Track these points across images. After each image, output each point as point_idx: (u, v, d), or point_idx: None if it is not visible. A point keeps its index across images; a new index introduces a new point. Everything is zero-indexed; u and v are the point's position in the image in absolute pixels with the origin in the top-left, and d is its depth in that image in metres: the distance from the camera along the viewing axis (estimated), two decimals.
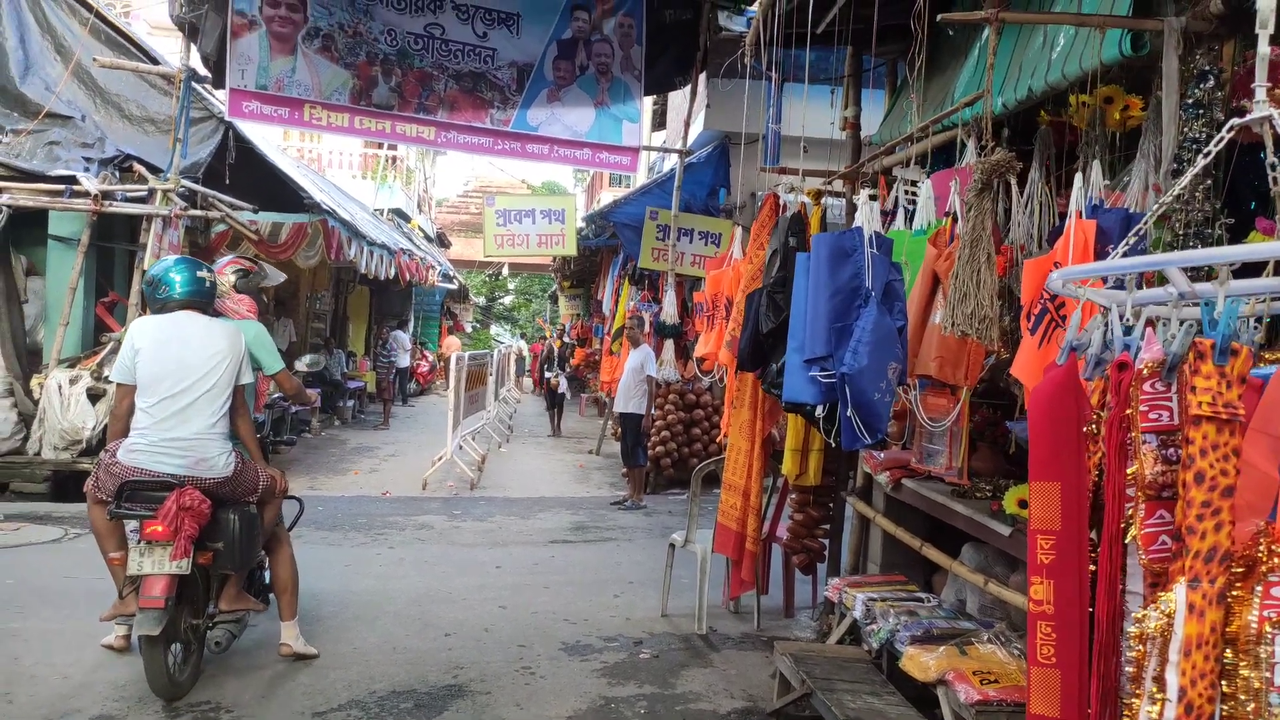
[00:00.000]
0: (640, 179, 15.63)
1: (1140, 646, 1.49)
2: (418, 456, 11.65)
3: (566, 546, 7.78)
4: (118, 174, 8.55)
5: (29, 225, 8.18)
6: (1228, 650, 1.46)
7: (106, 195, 8.11)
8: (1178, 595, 1.47)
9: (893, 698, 3.69)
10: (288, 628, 4.63)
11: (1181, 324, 1.55)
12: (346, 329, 18.82)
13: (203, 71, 8.41)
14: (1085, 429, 1.72)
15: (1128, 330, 1.67)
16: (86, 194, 8.02)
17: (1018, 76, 3.57)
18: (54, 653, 4.55)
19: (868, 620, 4.17)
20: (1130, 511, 1.60)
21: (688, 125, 10.02)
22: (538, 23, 8.96)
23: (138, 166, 8.60)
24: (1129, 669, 1.52)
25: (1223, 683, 1.45)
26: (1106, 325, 1.68)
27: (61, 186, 8.06)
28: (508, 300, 43.15)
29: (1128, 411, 1.60)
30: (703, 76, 9.56)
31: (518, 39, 8.95)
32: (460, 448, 11.66)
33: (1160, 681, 1.46)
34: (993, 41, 2.97)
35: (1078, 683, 1.67)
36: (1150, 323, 1.66)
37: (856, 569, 5.33)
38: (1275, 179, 1.77)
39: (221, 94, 8.38)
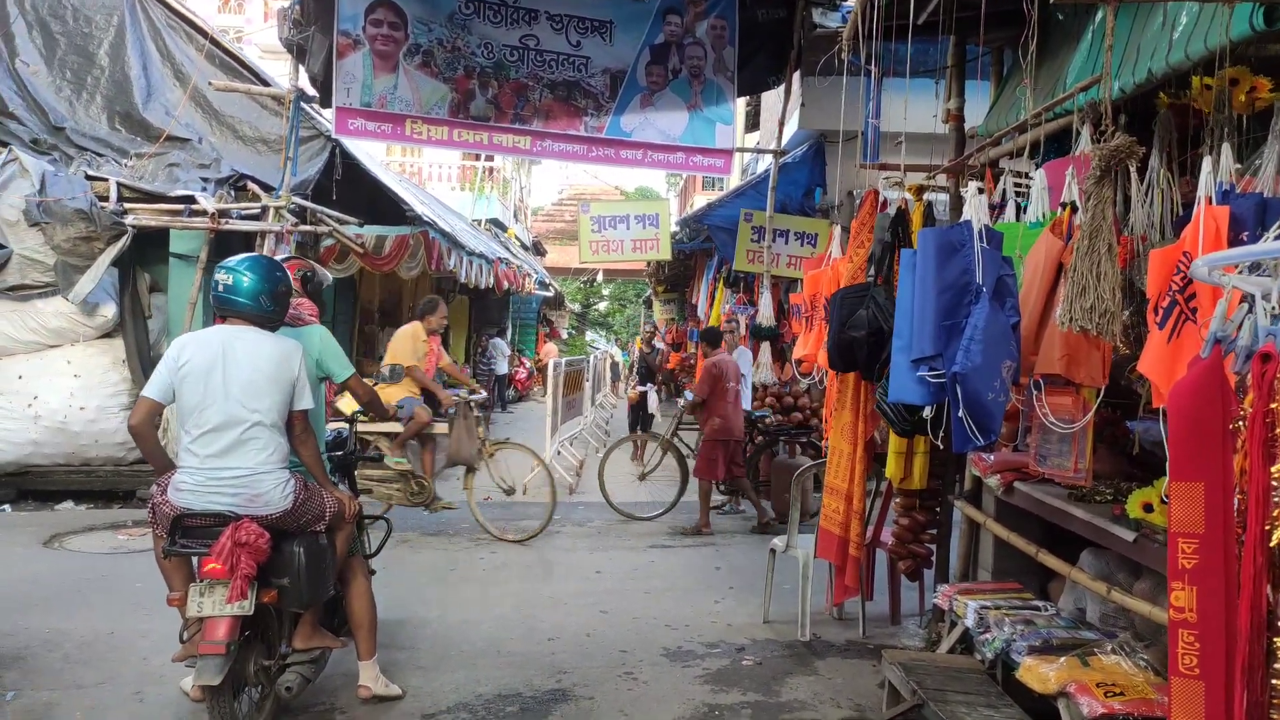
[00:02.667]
0: (734, 181, 15.55)
1: None
2: (518, 462, 11.79)
3: (666, 551, 7.76)
4: (233, 193, 8.93)
5: (152, 244, 8.61)
6: None
7: (223, 213, 8.47)
8: None
9: (1010, 710, 3.55)
10: (366, 668, 4.28)
11: None
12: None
13: (310, 91, 8.72)
14: (1231, 426, 1.60)
15: (1276, 320, 1.54)
16: (204, 213, 8.40)
17: (1135, 59, 3.40)
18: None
19: (981, 629, 4.01)
20: (1276, 514, 1.46)
21: (782, 125, 9.91)
22: (630, 29, 8.99)
23: (251, 185, 8.97)
24: (1276, 681, 1.39)
25: None
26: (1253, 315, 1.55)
27: (181, 206, 8.46)
28: (602, 306, 43.52)
29: (1272, 406, 1.47)
30: (797, 75, 9.44)
31: (610, 46, 9.00)
32: (558, 453, 11.78)
33: None
34: (1110, 21, 2.82)
35: (1223, 696, 1.55)
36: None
37: (966, 576, 5.16)
38: None
39: (328, 113, 8.67)
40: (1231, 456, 1.58)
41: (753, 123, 14.63)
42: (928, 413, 3.31)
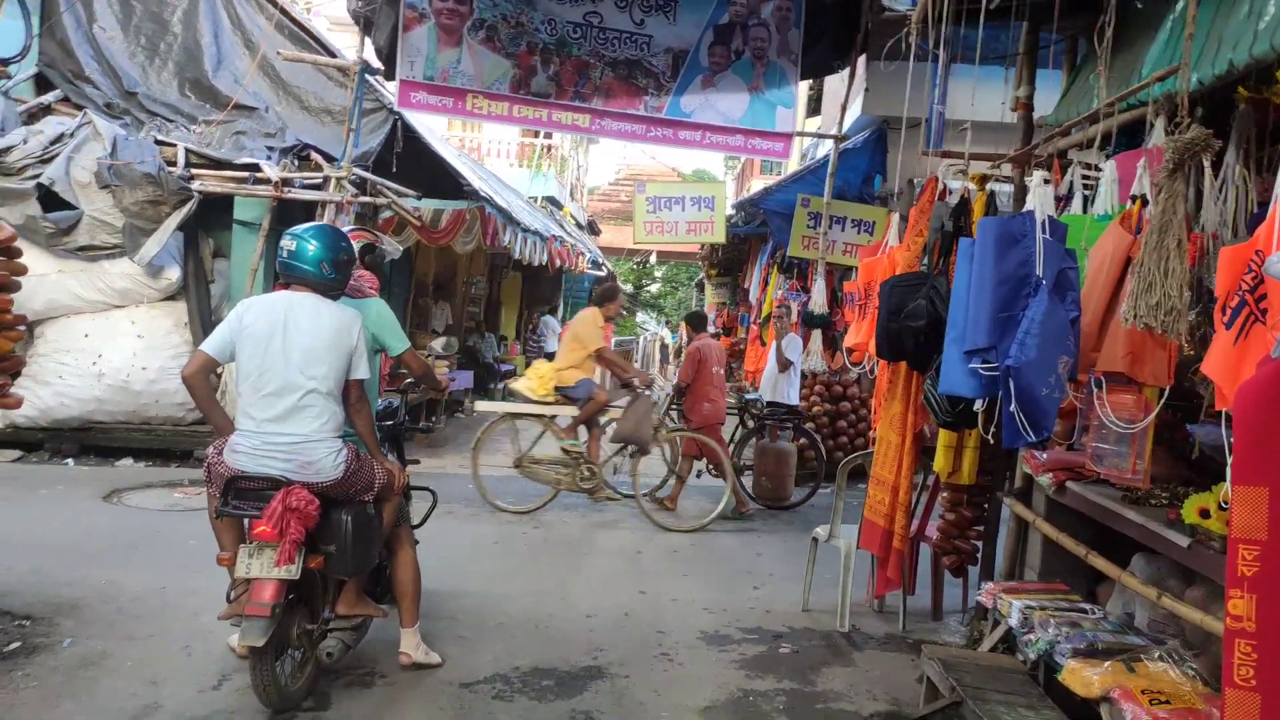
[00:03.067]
0: (792, 166, 15.37)
1: None
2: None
3: (707, 535, 7.75)
4: (296, 162, 9.08)
5: (217, 210, 8.79)
6: None
7: (285, 182, 8.61)
8: None
9: (1050, 713, 3.48)
10: (408, 635, 4.33)
11: None
12: (499, 313, 19.39)
13: (376, 64, 8.80)
14: None
15: None
16: (268, 181, 8.55)
17: (1216, 49, 3.26)
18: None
19: (1024, 629, 3.94)
20: None
21: (844, 110, 9.76)
22: (694, 9, 8.90)
23: (314, 155, 9.11)
24: None
25: None
26: None
27: (245, 174, 8.63)
28: (654, 288, 43.47)
29: None
30: (862, 59, 9.28)
31: (674, 25, 8.93)
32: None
33: None
34: (1191, 9, 2.71)
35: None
36: None
37: (1012, 575, 5.06)
38: None
39: (391, 86, 8.74)
40: None
41: (814, 107, 14.43)
42: (979, 406, 3.24)
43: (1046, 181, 3.32)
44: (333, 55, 9.61)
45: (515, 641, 4.85)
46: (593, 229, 28.61)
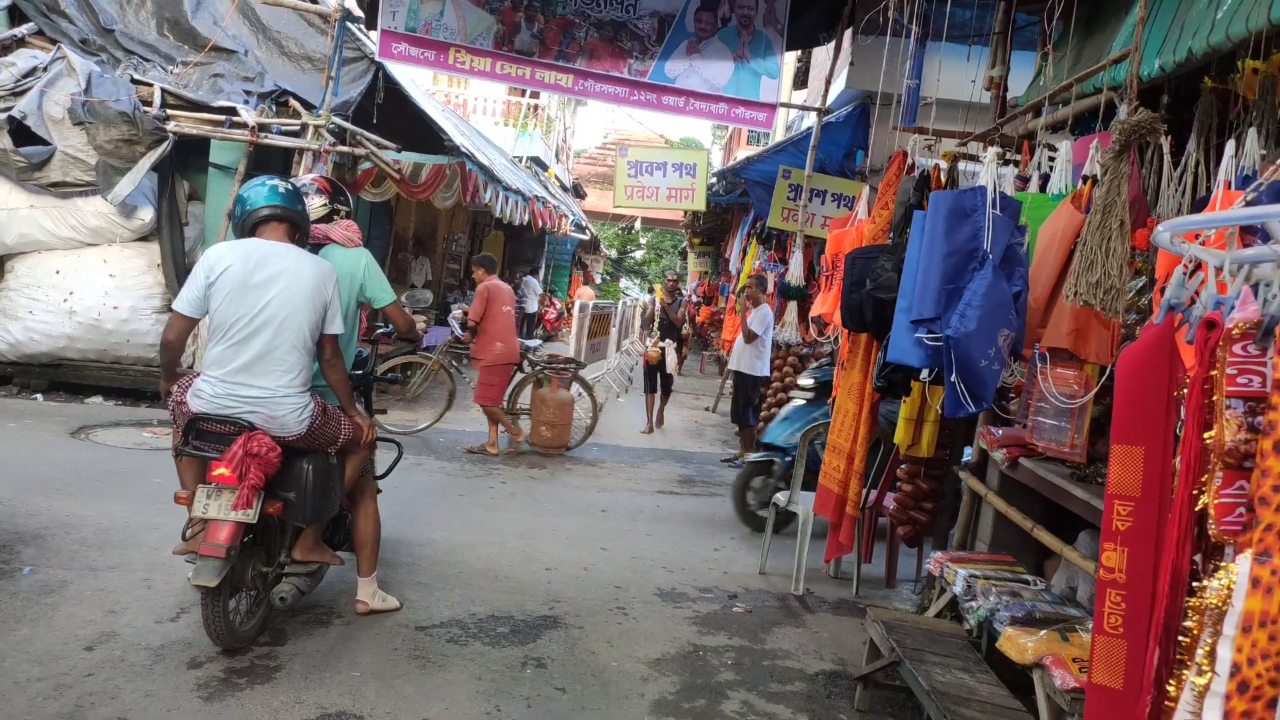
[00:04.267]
0: (777, 137, 15.36)
1: (1196, 618, 1.39)
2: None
3: (672, 497, 7.87)
4: (274, 108, 8.99)
5: (193, 153, 8.71)
6: None
7: (262, 127, 8.54)
8: (1240, 568, 1.35)
9: (985, 676, 3.61)
10: (365, 584, 4.39)
11: None
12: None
13: (357, 12, 8.72)
14: (1176, 393, 1.62)
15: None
16: (244, 125, 8.47)
17: (1178, 37, 3.32)
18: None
19: (968, 597, 4.06)
20: (1205, 478, 1.48)
21: (828, 83, 9.77)
22: None
23: (293, 102, 9.02)
24: (1183, 639, 1.42)
25: None
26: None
27: (222, 117, 8.54)
28: (639, 255, 43.39)
29: (1212, 373, 1.48)
30: (849, 33, 9.27)
31: None
32: (580, 395, 11.89)
33: (1212, 655, 1.35)
34: None
35: (1143, 654, 1.59)
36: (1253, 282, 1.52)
37: (964, 546, 5.19)
38: None
39: (374, 35, 8.66)
40: (1174, 423, 1.60)
41: (801, 80, 14.41)
42: (925, 375, 3.32)
43: (1012, 162, 3.37)
44: (314, 1, 9.47)
45: (474, 589, 4.94)
46: (578, 192, 28.48)
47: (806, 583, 5.57)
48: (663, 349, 11.06)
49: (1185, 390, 1.58)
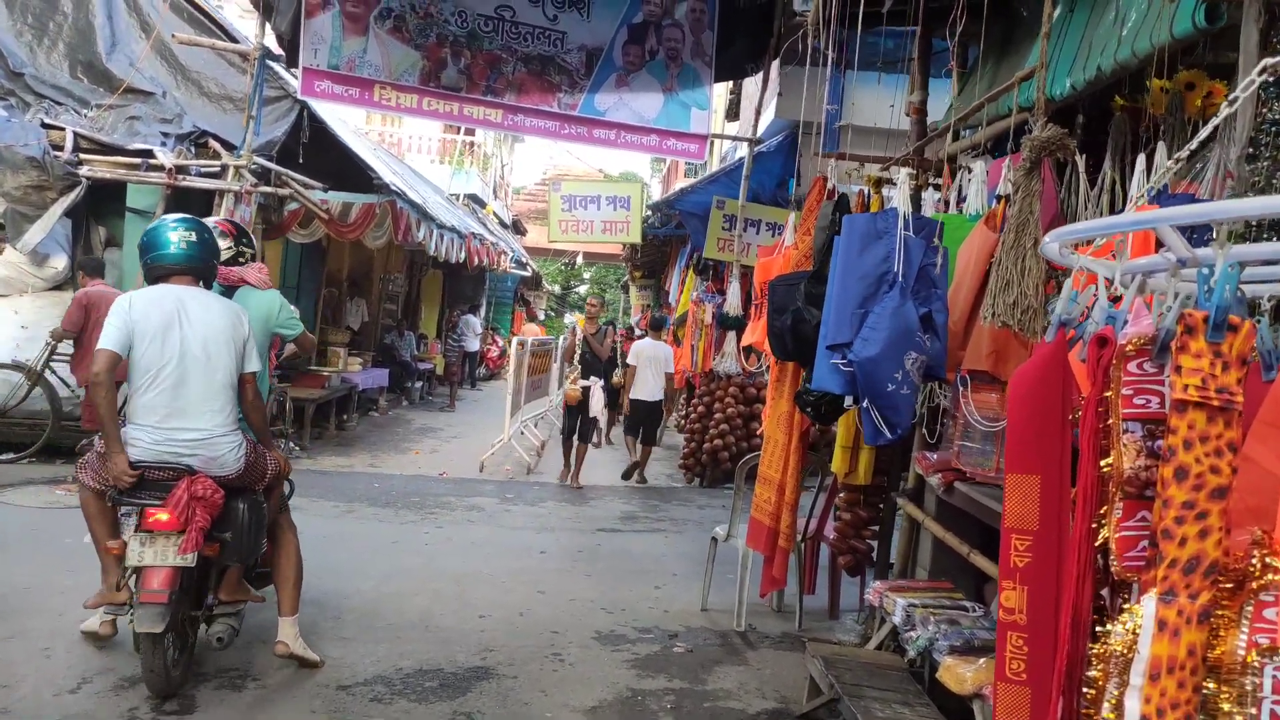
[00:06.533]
0: (713, 168, 15.44)
1: (1101, 666, 1.27)
2: (479, 439, 11.71)
3: (614, 535, 7.71)
4: (193, 149, 8.75)
5: (109, 198, 8.44)
6: (1209, 680, 1.21)
7: (181, 169, 8.30)
8: (1145, 609, 1.24)
9: (925, 709, 3.51)
10: (287, 624, 4.18)
11: (1177, 296, 1.33)
12: (419, 311, 19.08)
13: (277, 50, 8.54)
14: (1071, 416, 1.52)
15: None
16: (161, 168, 8.22)
17: (1088, 55, 3.34)
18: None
19: (907, 627, 3.97)
20: (1104, 510, 1.39)
21: (758, 114, 9.85)
22: (609, 6, 8.85)
23: (213, 143, 8.79)
24: (1087, 691, 1.31)
25: (1201, 717, 1.20)
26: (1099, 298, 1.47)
27: (138, 160, 8.28)
28: (582, 289, 43.31)
29: (1107, 394, 1.39)
30: (775, 63, 9.35)
31: (588, 22, 8.86)
32: (521, 433, 11.69)
33: (1119, 709, 1.23)
34: (1048, 8, 2.75)
35: (1048, 704, 1.47)
36: (1146, 295, 1.45)
37: (905, 573, 5.12)
38: None
39: (297, 73, 8.50)
40: (1069, 449, 1.51)
41: (734, 112, 14.51)
42: (848, 403, 3.25)
43: (924, 182, 3.34)
44: (235, 40, 9.29)
45: (402, 642, 4.72)
46: (518, 228, 28.36)
47: (749, 617, 5.45)
48: (585, 388, 9.85)
49: (1079, 413, 1.49)
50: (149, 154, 8.31)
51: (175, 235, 3.96)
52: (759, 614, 5.66)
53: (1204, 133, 1.61)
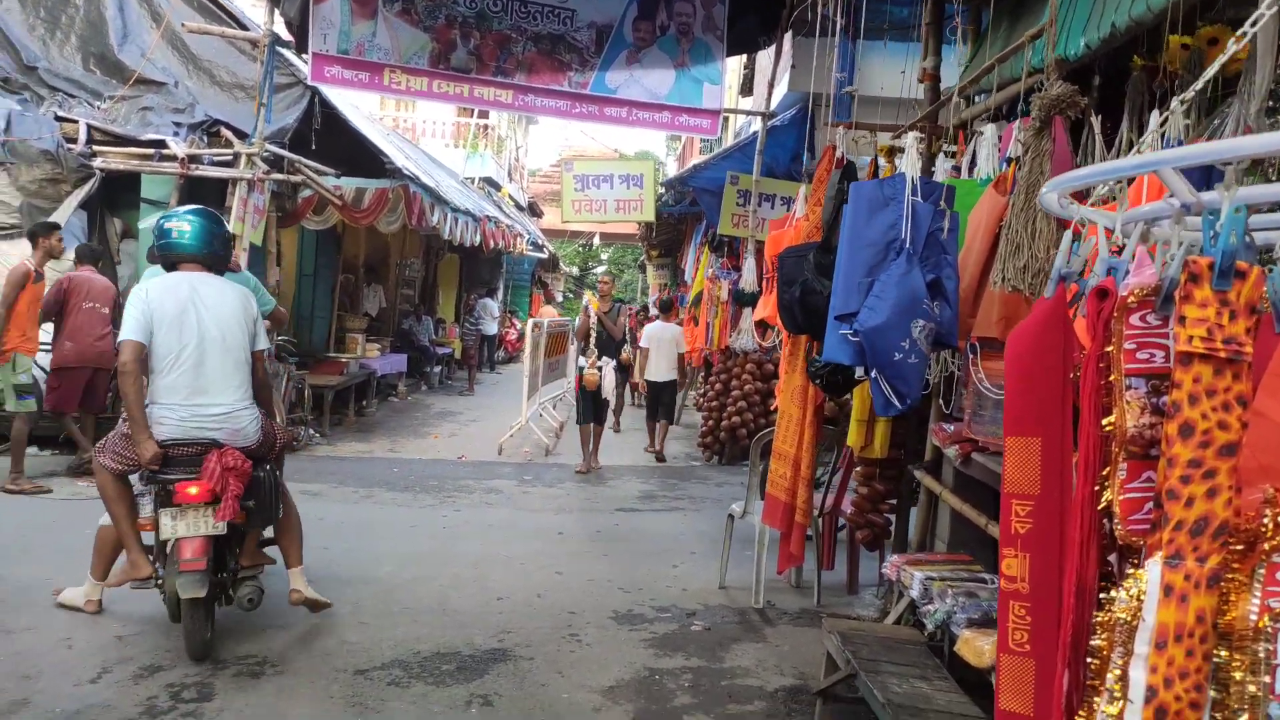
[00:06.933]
0: (728, 144, 15.30)
1: (1105, 635, 1.21)
2: (498, 422, 11.72)
3: (632, 515, 7.69)
4: (206, 139, 8.75)
5: (123, 189, 8.46)
6: (1220, 647, 1.14)
7: (193, 159, 8.30)
8: (1150, 574, 1.17)
9: (943, 683, 3.46)
10: (296, 575, 4.47)
11: (1182, 244, 1.26)
12: (436, 296, 19.10)
13: (286, 36, 8.52)
14: (1072, 375, 1.45)
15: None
16: (174, 157, 8.23)
17: (1102, 13, 3.24)
18: (117, 602, 4.67)
19: (925, 600, 3.92)
20: (1107, 471, 1.32)
21: (771, 87, 9.71)
22: None
23: (226, 131, 8.79)
24: (1092, 661, 1.25)
25: (1212, 687, 1.14)
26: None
27: (151, 151, 8.30)
28: (600, 270, 43.24)
29: (1108, 349, 1.32)
30: (788, 36, 9.21)
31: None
32: (540, 416, 11.69)
33: (1124, 679, 1.17)
34: None
35: (1054, 676, 1.41)
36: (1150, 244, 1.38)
37: (923, 547, 5.06)
38: None
39: (307, 59, 8.47)
40: (1071, 409, 1.44)
41: (748, 87, 14.36)
42: (859, 374, 3.19)
43: (937, 147, 3.26)
44: (244, 28, 9.26)
45: (420, 626, 4.73)
46: (534, 211, 28.31)
47: (767, 594, 5.42)
48: (600, 369, 9.35)
49: (1080, 371, 1.42)
50: (162, 144, 8.32)
51: (187, 225, 4.21)
52: (777, 591, 5.62)
53: (1210, 70, 1.54)
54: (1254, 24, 1.50)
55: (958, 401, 3.98)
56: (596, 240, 31.14)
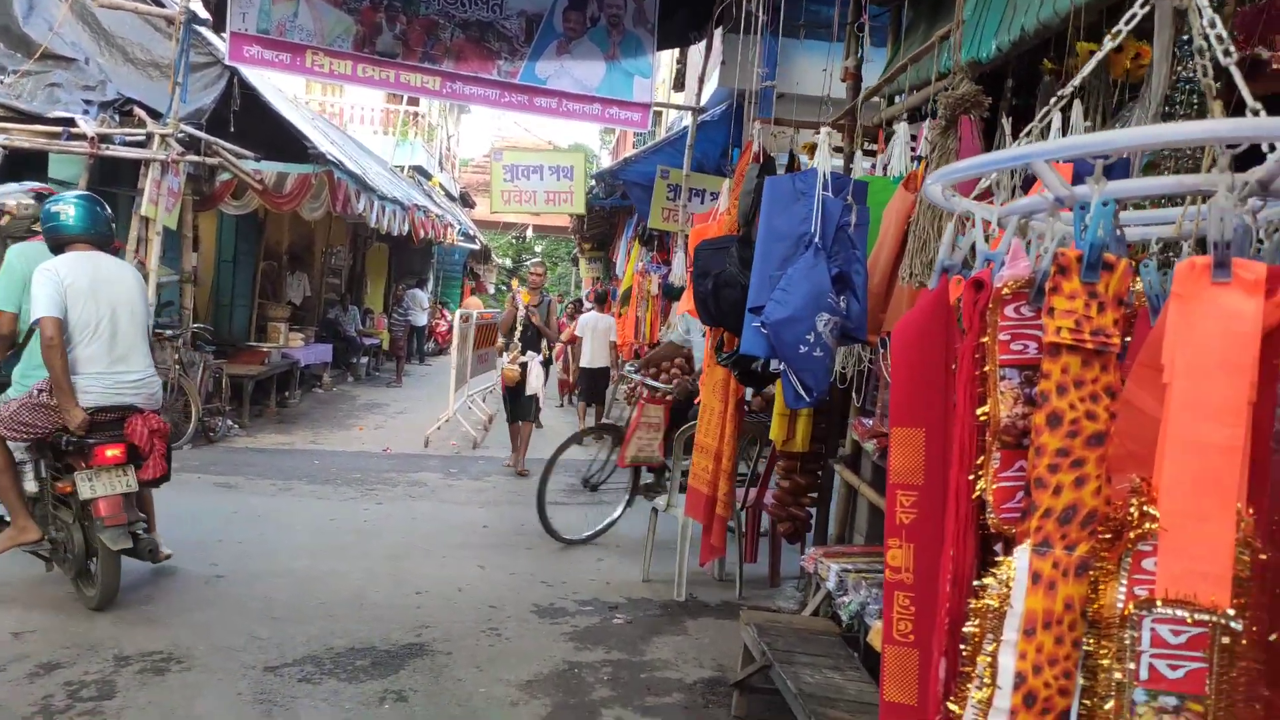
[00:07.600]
0: (659, 137, 15.32)
1: (978, 622, 1.24)
2: (426, 415, 11.57)
3: (559, 508, 7.61)
4: (118, 117, 8.43)
5: (30, 168, 8.09)
6: (1089, 635, 1.17)
7: (104, 138, 7.99)
8: (1018, 562, 1.20)
9: (855, 673, 3.52)
10: (158, 536, 4.80)
11: (1055, 237, 1.30)
12: (364, 285, 18.76)
13: (203, 14, 8.25)
14: (954, 365, 1.48)
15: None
16: (84, 136, 7.91)
17: (1013, 16, 3.31)
18: (13, 598, 4.49)
19: (840, 592, 3.97)
20: (981, 460, 1.35)
21: (701, 82, 9.74)
22: None
23: (138, 110, 8.47)
24: (965, 648, 1.28)
25: (1081, 674, 1.16)
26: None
27: (59, 129, 7.96)
28: (532, 261, 42.93)
29: (983, 340, 1.35)
30: (719, 32, 9.25)
31: None
32: (469, 408, 11.55)
33: (994, 665, 1.19)
34: None
35: (932, 664, 1.44)
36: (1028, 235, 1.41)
37: (842, 539, 5.15)
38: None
39: (226, 38, 8.21)
40: (953, 399, 1.47)
41: (680, 82, 14.38)
42: (775, 365, 3.21)
43: (842, 145, 3.29)
44: (159, 3, 8.94)
45: (335, 621, 4.63)
46: (466, 201, 27.94)
47: (691, 587, 5.45)
48: (523, 364, 8.73)
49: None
50: (70, 122, 7.98)
51: (72, 209, 4.46)
52: (701, 584, 5.66)
53: (1087, 68, 1.58)
54: (1127, 22, 1.54)
55: (871, 396, 4.04)
56: (530, 232, 30.94)
